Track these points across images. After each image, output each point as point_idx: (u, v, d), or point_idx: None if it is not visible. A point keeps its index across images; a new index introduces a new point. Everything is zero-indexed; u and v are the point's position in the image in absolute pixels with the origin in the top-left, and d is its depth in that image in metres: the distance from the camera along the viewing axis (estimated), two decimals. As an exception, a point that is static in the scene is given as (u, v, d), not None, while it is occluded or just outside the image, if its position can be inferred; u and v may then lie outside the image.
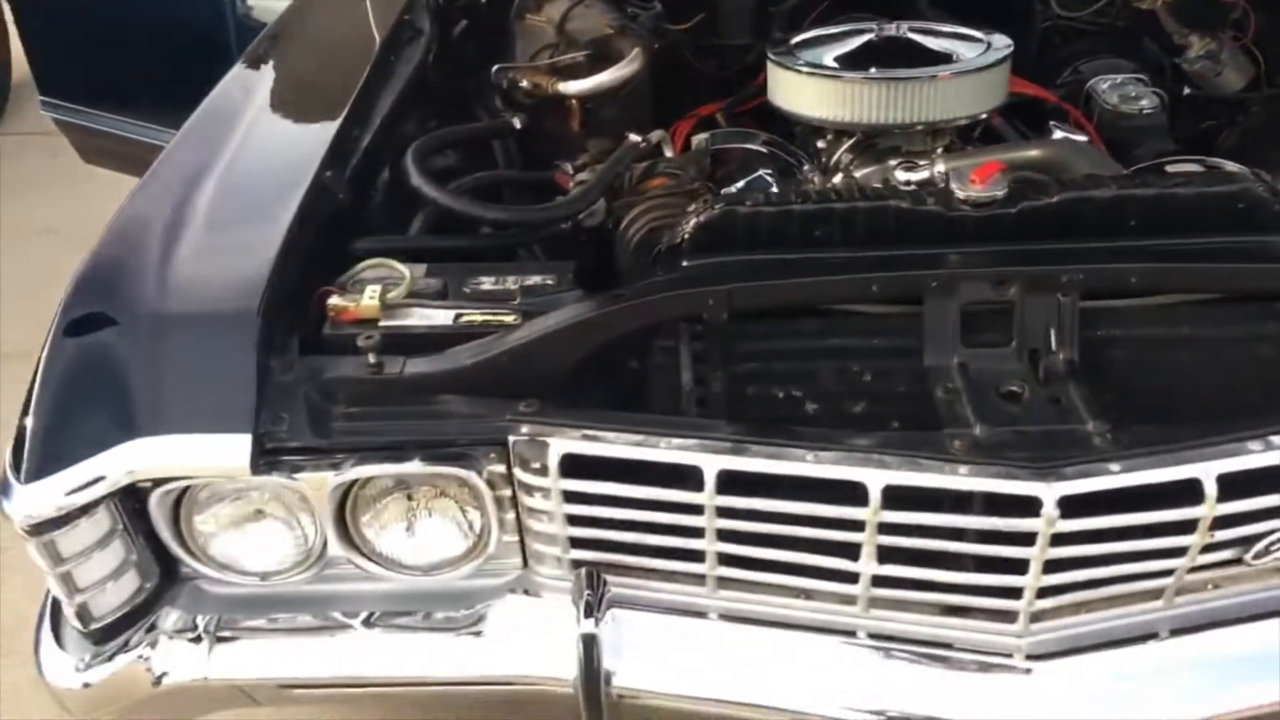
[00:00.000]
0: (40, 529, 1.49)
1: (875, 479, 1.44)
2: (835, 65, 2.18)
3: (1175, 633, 1.55)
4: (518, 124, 2.29)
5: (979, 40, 2.23)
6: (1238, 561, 1.52)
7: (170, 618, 1.64)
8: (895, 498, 1.45)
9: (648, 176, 2.11)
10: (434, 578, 1.65)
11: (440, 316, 1.67)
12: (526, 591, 1.66)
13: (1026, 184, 1.69)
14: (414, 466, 1.54)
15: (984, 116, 2.17)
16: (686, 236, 1.68)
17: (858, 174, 2.15)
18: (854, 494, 1.46)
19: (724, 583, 1.59)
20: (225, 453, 1.50)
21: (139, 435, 1.50)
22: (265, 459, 1.52)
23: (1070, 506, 1.41)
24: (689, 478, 1.50)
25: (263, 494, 1.59)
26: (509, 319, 1.65)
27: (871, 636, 1.58)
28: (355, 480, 1.56)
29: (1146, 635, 1.55)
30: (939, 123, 2.13)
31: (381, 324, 1.65)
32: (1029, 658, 1.53)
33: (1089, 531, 1.44)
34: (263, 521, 1.61)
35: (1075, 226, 1.66)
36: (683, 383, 1.62)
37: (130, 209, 1.84)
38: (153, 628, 1.64)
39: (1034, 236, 1.65)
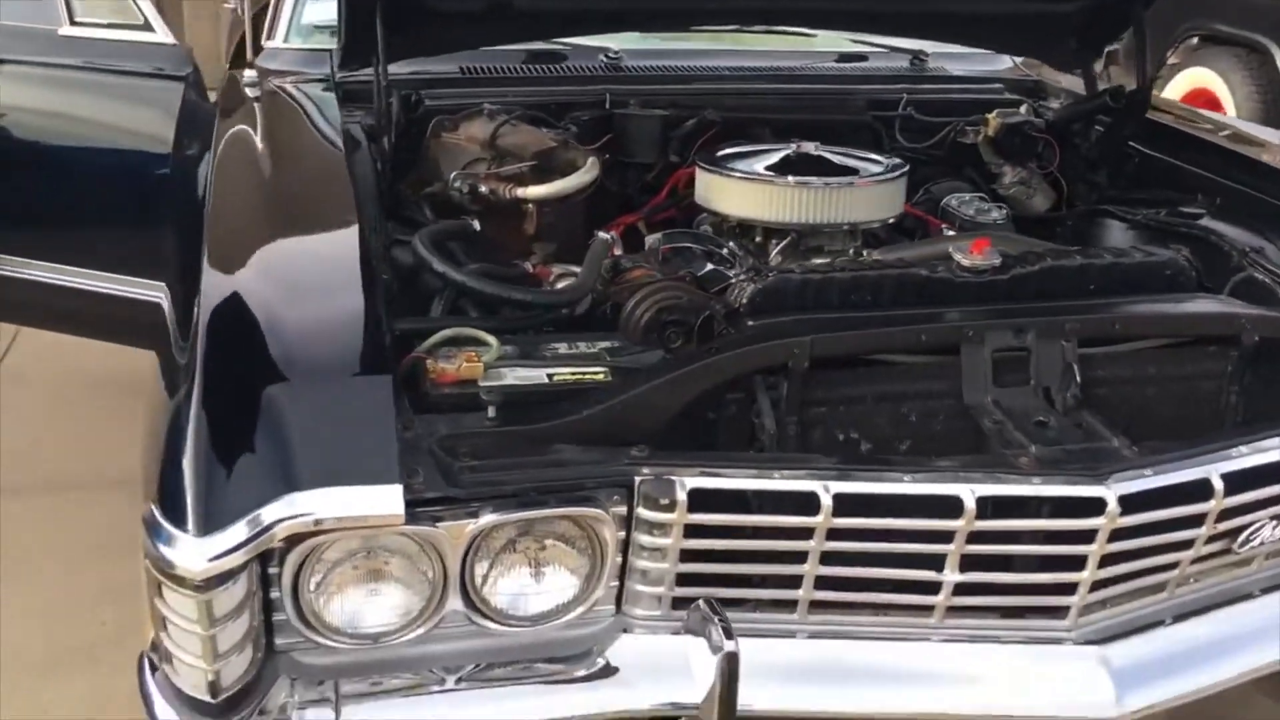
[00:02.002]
0: (208, 584, 1.44)
1: (967, 492, 1.67)
2: (769, 173, 2.46)
3: (1178, 619, 1.85)
4: (477, 226, 2.41)
5: (877, 160, 2.59)
6: (1226, 552, 1.84)
7: (281, 693, 1.59)
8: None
9: (618, 270, 2.28)
10: (537, 629, 1.69)
11: (535, 376, 1.77)
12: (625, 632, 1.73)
13: (1009, 256, 2.02)
14: (548, 510, 1.61)
15: (891, 220, 2.52)
16: (745, 301, 1.88)
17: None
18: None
19: (814, 606, 1.75)
20: (380, 503, 1.51)
21: (300, 488, 1.49)
22: (407, 510, 1.54)
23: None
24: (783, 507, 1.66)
25: (385, 552, 1.60)
26: (599, 375, 1.77)
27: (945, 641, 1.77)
28: (481, 531, 1.60)
29: (1156, 623, 1.84)
30: (860, 223, 2.45)
31: (481, 384, 1.72)
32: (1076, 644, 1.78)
33: (1134, 527, 1.72)
34: (383, 582, 1.61)
35: (1051, 289, 2.00)
36: (765, 428, 1.79)
37: (216, 293, 1.79)
38: (264, 710, 1.58)
39: (1020, 298, 1.98)
